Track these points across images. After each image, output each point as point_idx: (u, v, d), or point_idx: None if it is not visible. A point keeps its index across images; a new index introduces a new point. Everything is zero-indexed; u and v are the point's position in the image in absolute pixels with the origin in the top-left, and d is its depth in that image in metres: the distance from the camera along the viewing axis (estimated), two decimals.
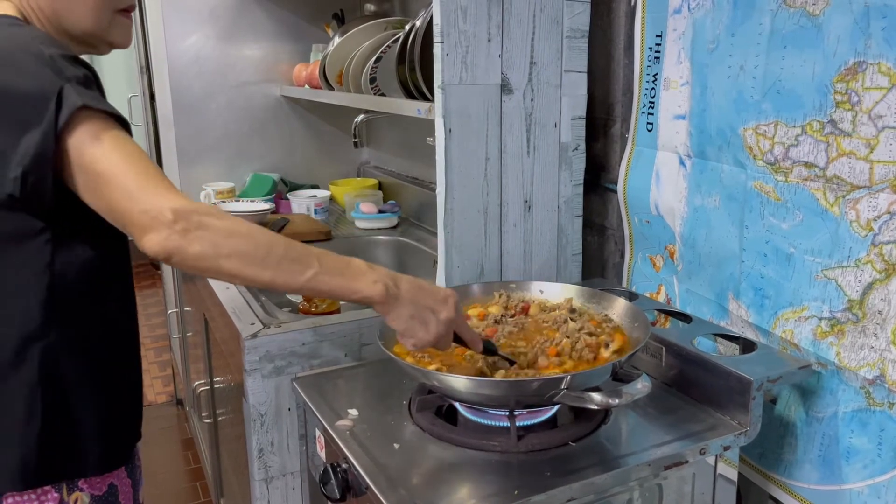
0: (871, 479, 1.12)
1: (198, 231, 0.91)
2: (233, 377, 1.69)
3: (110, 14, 1.08)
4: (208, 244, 0.92)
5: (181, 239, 0.90)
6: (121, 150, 0.93)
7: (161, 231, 0.90)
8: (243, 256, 0.94)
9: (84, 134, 0.91)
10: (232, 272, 0.95)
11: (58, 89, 0.91)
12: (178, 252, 0.91)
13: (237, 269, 0.94)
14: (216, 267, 0.94)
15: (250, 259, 0.95)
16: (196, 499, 2.76)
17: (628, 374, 1.12)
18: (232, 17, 2.60)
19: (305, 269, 0.98)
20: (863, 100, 1.04)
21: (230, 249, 0.94)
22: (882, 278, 1.06)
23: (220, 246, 0.93)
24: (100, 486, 1.11)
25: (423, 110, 1.56)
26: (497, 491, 1.00)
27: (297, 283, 0.99)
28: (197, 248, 0.91)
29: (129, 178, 0.91)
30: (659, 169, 1.46)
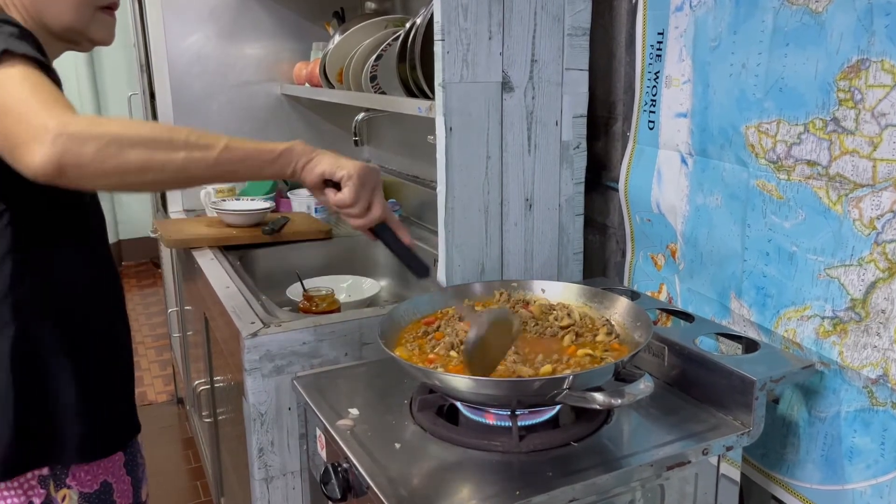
0: (874, 479, 1.12)
1: (90, 128, 0.84)
2: (233, 376, 1.68)
3: (91, 10, 1.07)
4: (106, 140, 0.84)
5: (70, 142, 0.82)
6: (28, 82, 0.86)
7: (45, 139, 0.81)
8: (148, 144, 0.88)
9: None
10: (141, 163, 0.87)
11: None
12: (71, 158, 0.82)
13: (145, 157, 0.87)
14: (122, 164, 0.86)
15: (156, 144, 0.88)
16: (196, 498, 2.76)
17: (630, 373, 1.12)
18: (232, 16, 2.60)
19: (216, 142, 0.94)
20: (866, 97, 1.04)
21: (131, 139, 0.86)
22: (885, 277, 1.05)
23: (119, 138, 0.85)
24: (90, 483, 1.10)
25: (424, 108, 1.56)
26: (498, 491, 0.99)
27: (211, 158, 0.93)
28: (93, 146, 0.83)
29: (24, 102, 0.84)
30: (660, 167, 1.45)
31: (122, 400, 1.18)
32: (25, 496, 1.06)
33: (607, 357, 1.14)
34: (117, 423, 1.16)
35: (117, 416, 1.16)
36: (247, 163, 0.98)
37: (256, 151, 0.99)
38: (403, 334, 1.26)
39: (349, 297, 2.03)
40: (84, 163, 0.83)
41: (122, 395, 1.18)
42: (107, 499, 1.13)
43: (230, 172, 0.99)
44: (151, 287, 5.14)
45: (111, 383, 1.15)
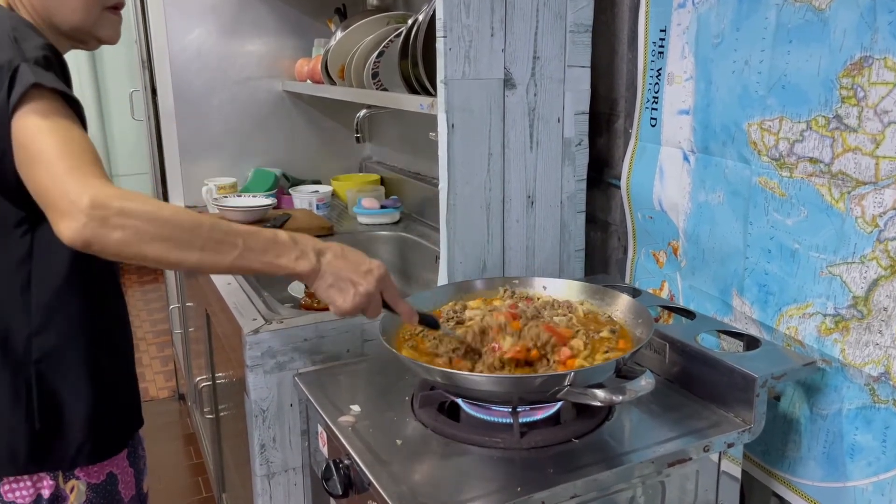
0: (876, 476, 1.12)
1: (118, 218, 0.89)
2: (234, 373, 1.69)
3: (99, 10, 1.09)
4: (130, 231, 0.90)
5: (100, 227, 0.88)
6: (59, 132, 0.92)
7: (78, 218, 0.87)
8: (167, 241, 0.93)
9: (29, 110, 0.91)
10: (157, 257, 0.93)
11: (15, 66, 0.92)
12: (97, 240, 0.89)
13: (162, 253, 0.93)
14: (140, 253, 0.92)
15: (174, 243, 0.93)
16: (198, 494, 2.76)
17: (632, 370, 1.12)
18: (234, 12, 2.60)
19: (231, 250, 0.98)
20: (869, 95, 1.04)
21: (153, 234, 0.92)
22: (887, 275, 1.05)
23: (142, 232, 0.91)
24: (97, 475, 1.12)
25: (426, 105, 1.55)
26: (500, 487, 0.99)
27: (224, 264, 0.98)
28: (118, 235, 0.89)
29: (57, 160, 0.89)
30: (662, 164, 1.45)
31: (128, 397, 1.20)
32: (34, 488, 1.08)
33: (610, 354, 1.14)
34: (124, 421, 1.18)
35: (124, 414, 1.18)
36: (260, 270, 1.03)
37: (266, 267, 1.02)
38: (405, 331, 1.26)
39: None
40: (107, 247, 0.90)
41: (129, 391, 1.20)
42: (112, 489, 1.14)
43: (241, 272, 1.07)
44: (153, 283, 5.15)
45: (119, 382, 1.18)
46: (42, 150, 0.90)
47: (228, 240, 0.98)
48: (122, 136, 5.26)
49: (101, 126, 5.23)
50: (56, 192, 0.89)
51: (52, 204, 0.89)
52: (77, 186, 0.88)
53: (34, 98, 0.92)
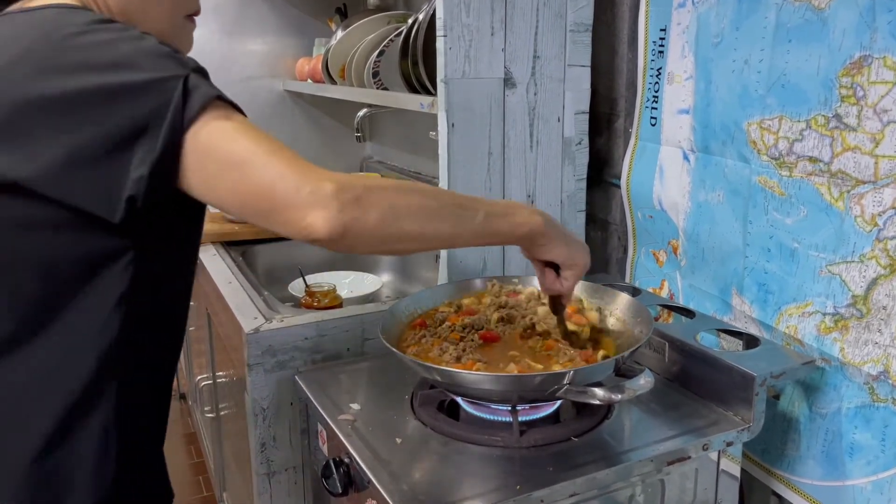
0: (875, 475, 1.12)
1: (369, 195, 0.82)
2: (235, 371, 1.69)
3: (182, 18, 1.02)
4: (386, 207, 0.83)
5: (356, 209, 0.80)
6: (257, 134, 0.83)
7: (330, 205, 0.78)
8: (421, 211, 0.87)
9: (214, 120, 0.81)
10: (417, 231, 0.87)
11: (184, 77, 0.81)
12: (357, 223, 0.80)
13: (420, 226, 0.87)
14: (399, 231, 0.85)
15: (428, 213, 0.88)
16: (199, 493, 2.76)
17: (631, 369, 1.12)
18: (235, 12, 2.60)
19: (476, 213, 0.93)
20: (868, 94, 1.04)
21: (407, 208, 0.85)
22: (887, 274, 1.05)
23: (397, 207, 0.84)
24: None
25: (426, 104, 1.56)
26: (499, 486, 0.99)
27: (471, 230, 0.93)
28: (376, 213, 0.82)
29: (273, 157, 0.80)
30: (662, 164, 1.45)
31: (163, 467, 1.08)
32: None
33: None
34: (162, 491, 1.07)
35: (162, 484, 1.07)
36: (499, 236, 1.00)
37: (509, 225, 0.99)
38: (405, 330, 1.26)
39: (351, 292, 2.03)
40: (367, 230, 0.82)
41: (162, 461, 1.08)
42: None
43: (482, 242, 1.01)
44: None
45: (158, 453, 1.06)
46: (248, 152, 0.80)
47: (469, 204, 0.93)
48: None
49: None
50: (287, 188, 0.79)
51: (285, 202, 0.79)
52: (311, 175, 0.80)
53: (216, 109, 0.82)
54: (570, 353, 1.14)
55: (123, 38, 0.83)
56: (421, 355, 1.15)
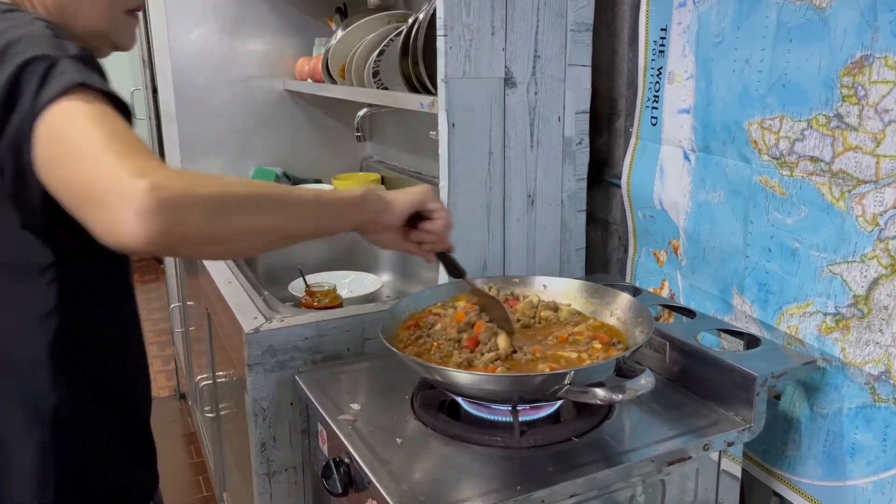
0: (876, 475, 1.12)
1: (190, 190, 0.73)
2: (235, 371, 1.69)
3: (121, 14, 1.01)
4: (212, 204, 0.75)
5: (175, 210, 0.71)
6: (106, 123, 0.75)
7: (143, 205, 0.69)
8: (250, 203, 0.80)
9: (68, 105, 0.75)
10: (246, 227, 0.80)
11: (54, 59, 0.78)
12: (180, 226, 0.72)
13: (251, 220, 0.80)
14: (227, 228, 0.77)
15: (258, 204, 0.82)
16: (199, 493, 2.76)
17: (632, 369, 1.12)
18: (235, 11, 2.60)
19: (304, 198, 0.89)
20: (869, 94, 1.04)
21: (236, 200, 0.79)
22: (888, 273, 1.05)
23: (224, 201, 0.77)
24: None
25: (427, 104, 1.55)
26: (500, 486, 0.99)
27: (305, 216, 0.89)
28: (198, 212, 0.73)
29: (104, 149, 0.72)
30: (663, 163, 1.45)
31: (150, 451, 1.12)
32: None
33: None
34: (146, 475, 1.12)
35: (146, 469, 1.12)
36: (336, 211, 0.95)
37: (341, 200, 0.96)
38: (405, 329, 1.26)
39: (351, 292, 2.03)
40: (191, 233, 0.73)
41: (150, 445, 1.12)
42: None
43: (321, 227, 0.95)
44: (154, 282, 5.15)
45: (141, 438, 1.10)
46: (84, 141, 0.73)
47: (297, 192, 0.89)
48: None
49: None
50: (105, 183, 0.70)
51: (101, 199, 0.71)
52: (136, 168, 0.70)
53: (77, 96, 0.76)
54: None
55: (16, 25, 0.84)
56: (423, 356, 1.15)
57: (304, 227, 0.91)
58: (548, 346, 1.17)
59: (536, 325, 1.26)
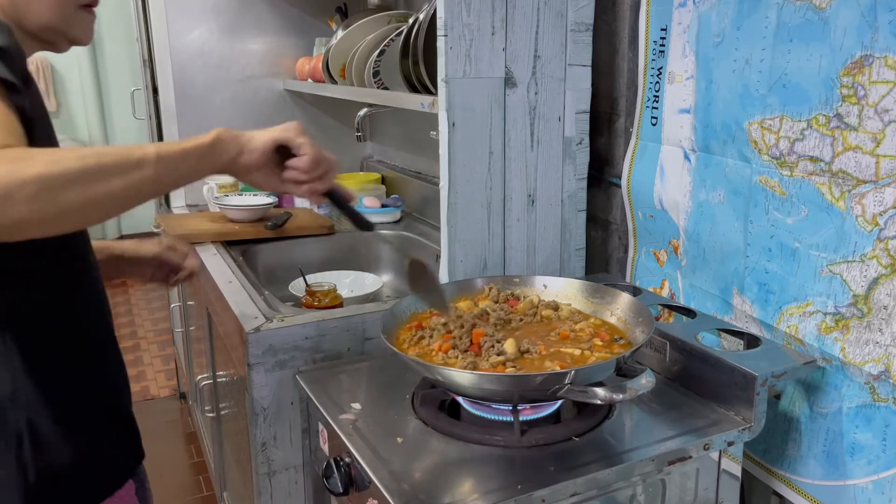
0: (876, 474, 1.12)
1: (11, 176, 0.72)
2: (235, 371, 1.69)
3: (73, 9, 1.01)
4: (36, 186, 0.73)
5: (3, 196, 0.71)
6: None
7: None
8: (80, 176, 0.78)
9: None
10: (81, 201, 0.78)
11: None
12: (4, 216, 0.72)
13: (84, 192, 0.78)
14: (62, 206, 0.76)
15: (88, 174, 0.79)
16: (199, 492, 2.77)
17: (632, 369, 1.12)
18: (235, 11, 2.60)
19: (146, 154, 0.84)
20: (869, 94, 1.04)
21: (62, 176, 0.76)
22: (888, 273, 1.05)
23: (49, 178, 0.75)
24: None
25: (427, 104, 1.56)
26: (500, 486, 0.99)
27: (150, 174, 0.85)
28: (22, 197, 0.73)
29: None
30: (663, 163, 1.45)
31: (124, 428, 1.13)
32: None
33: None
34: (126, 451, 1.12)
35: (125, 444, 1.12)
36: (186, 161, 0.91)
37: (187, 151, 0.91)
38: (406, 330, 1.26)
39: (351, 292, 2.03)
40: (20, 218, 0.73)
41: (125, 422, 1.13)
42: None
43: (173, 180, 0.91)
44: None
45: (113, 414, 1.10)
46: None
47: (135, 148, 0.84)
48: (124, 135, 5.27)
49: (103, 125, 5.24)
50: None
51: None
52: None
53: None
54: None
55: None
56: (425, 357, 1.15)
57: (150, 186, 0.87)
58: (550, 343, 1.17)
59: (537, 322, 1.26)
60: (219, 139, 0.96)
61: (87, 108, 5.15)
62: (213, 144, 0.95)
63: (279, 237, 2.19)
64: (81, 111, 5.17)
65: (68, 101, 5.15)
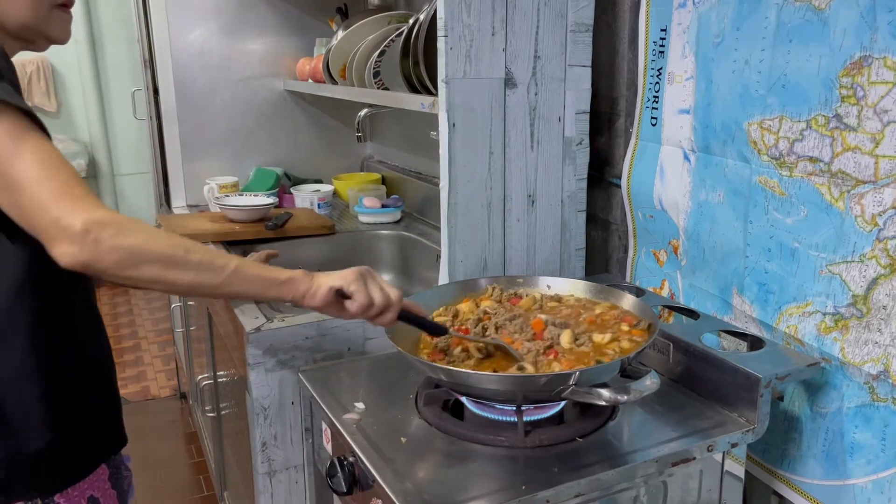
0: (875, 474, 1.12)
1: (113, 240, 0.90)
2: (236, 371, 1.69)
3: (48, 8, 1.05)
4: (126, 253, 0.91)
5: (95, 250, 0.89)
6: (34, 154, 0.90)
7: (73, 242, 0.88)
8: (163, 261, 0.95)
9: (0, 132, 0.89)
10: (153, 277, 0.95)
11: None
12: (95, 263, 0.90)
13: (159, 273, 0.94)
14: (137, 275, 0.93)
15: (170, 262, 0.95)
16: (199, 492, 2.77)
17: (636, 370, 1.12)
18: (236, 11, 2.60)
19: (227, 264, 1.00)
20: (868, 94, 1.04)
21: (150, 255, 0.93)
22: (887, 273, 1.06)
23: (138, 254, 0.92)
24: (77, 500, 1.09)
25: (427, 104, 1.56)
26: (504, 486, 1.00)
27: (216, 282, 0.99)
28: (113, 257, 0.90)
29: (40, 186, 0.89)
30: (663, 163, 1.46)
31: (106, 411, 1.16)
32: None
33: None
34: (101, 436, 1.14)
35: (101, 430, 1.14)
36: (252, 288, 1.05)
37: (262, 278, 1.05)
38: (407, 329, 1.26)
39: None
40: (104, 269, 0.91)
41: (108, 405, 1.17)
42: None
43: (234, 294, 1.08)
44: None
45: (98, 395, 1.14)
46: (21, 178, 0.89)
47: (223, 256, 1.01)
48: (124, 136, 5.26)
49: (104, 125, 5.23)
50: (46, 219, 0.88)
51: (43, 230, 0.89)
52: (68, 211, 0.88)
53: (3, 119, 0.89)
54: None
55: None
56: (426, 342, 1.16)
57: (210, 290, 1.02)
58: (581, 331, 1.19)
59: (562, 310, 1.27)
60: (292, 280, 1.08)
61: (88, 109, 5.14)
62: (286, 283, 1.07)
63: (279, 237, 2.19)
64: (82, 111, 5.16)
65: (69, 101, 5.14)
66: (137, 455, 1.30)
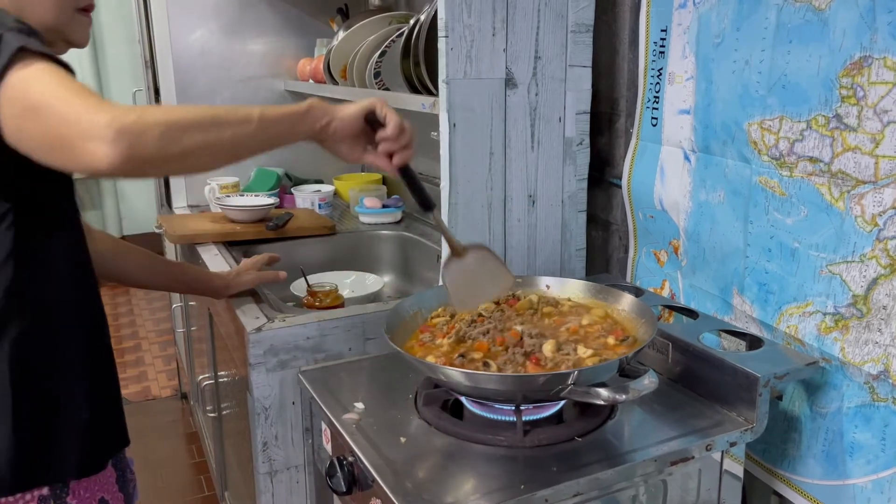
0: (875, 474, 1.12)
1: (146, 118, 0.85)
2: (237, 371, 1.69)
3: (71, 11, 1.07)
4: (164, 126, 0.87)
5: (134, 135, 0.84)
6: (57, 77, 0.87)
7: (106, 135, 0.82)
8: (199, 123, 0.91)
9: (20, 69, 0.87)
10: (198, 144, 0.90)
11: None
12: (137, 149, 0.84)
13: (202, 138, 0.91)
14: (182, 146, 0.89)
15: (207, 124, 0.92)
16: (200, 492, 2.77)
17: (635, 369, 1.13)
18: (236, 12, 2.60)
19: (251, 111, 0.98)
20: (868, 94, 1.04)
21: (185, 122, 0.89)
22: (887, 273, 1.06)
23: (175, 123, 0.88)
24: (89, 500, 1.09)
25: (428, 105, 1.56)
26: (503, 485, 1.00)
27: (252, 127, 0.97)
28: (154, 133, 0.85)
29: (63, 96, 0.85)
30: (663, 164, 1.46)
31: (114, 408, 1.16)
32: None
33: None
34: (111, 432, 1.14)
35: (110, 425, 1.14)
36: (281, 127, 1.03)
37: (286, 115, 1.04)
38: (408, 329, 1.27)
39: (353, 292, 2.04)
40: (150, 153, 0.86)
41: (115, 401, 1.16)
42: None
43: (270, 139, 1.03)
44: None
45: (105, 388, 1.14)
46: (44, 92, 0.85)
47: (242, 108, 0.99)
48: None
49: None
50: (70, 122, 0.83)
51: (68, 137, 0.84)
52: (91, 110, 0.83)
53: (23, 61, 0.87)
54: None
55: None
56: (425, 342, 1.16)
57: (253, 141, 1.00)
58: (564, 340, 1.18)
59: (537, 320, 1.26)
60: (312, 107, 1.07)
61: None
62: (307, 112, 1.06)
63: (280, 237, 2.19)
64: None
65: None
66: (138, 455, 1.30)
